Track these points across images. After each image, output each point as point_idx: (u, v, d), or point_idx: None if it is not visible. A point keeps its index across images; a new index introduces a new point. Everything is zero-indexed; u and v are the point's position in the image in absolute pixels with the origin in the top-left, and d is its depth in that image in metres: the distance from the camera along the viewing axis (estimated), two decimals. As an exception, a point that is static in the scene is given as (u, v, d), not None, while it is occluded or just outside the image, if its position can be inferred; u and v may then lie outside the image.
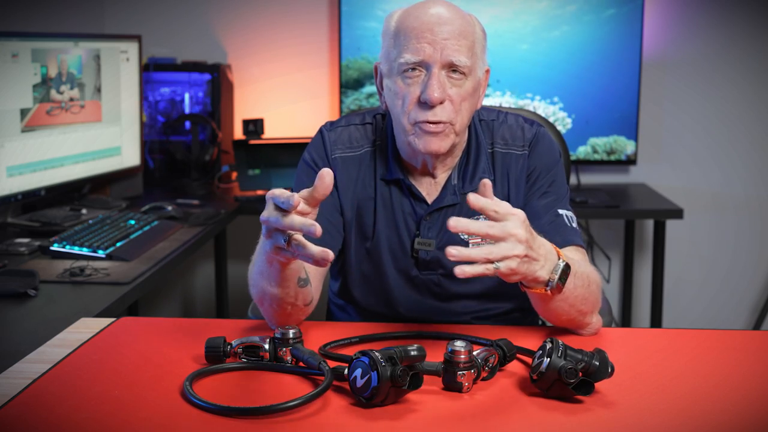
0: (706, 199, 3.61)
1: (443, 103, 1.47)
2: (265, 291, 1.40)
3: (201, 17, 3.60)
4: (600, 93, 3.43)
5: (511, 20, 3.37)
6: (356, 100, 3.47)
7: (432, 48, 1.46)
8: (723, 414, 1.14)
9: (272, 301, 1.41)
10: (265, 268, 1.36)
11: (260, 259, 1.36)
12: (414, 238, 1.60)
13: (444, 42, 1.46)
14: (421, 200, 1.60)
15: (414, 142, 1.51)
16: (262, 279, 1.39)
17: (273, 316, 1.44)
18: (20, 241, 2.33)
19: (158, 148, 3.37)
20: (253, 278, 1.42)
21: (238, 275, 3.65)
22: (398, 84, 1.50)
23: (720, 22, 3.51)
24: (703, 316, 3.65)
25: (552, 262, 1.31)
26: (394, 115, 1.54)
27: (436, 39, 1.46)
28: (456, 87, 1.48)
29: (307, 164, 1.64)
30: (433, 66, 1.46)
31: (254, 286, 1.43)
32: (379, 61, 1.57)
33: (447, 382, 1.20)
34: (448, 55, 1.46)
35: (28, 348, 1.38)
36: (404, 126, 1.51)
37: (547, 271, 1.30)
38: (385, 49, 1.54)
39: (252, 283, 1.44)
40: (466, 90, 1.49)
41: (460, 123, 1.50)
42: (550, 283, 1.31)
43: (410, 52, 1.47)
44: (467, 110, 1.51)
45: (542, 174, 1.61)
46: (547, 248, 1.31)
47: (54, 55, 2.63)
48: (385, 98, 1.56)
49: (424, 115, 1.47)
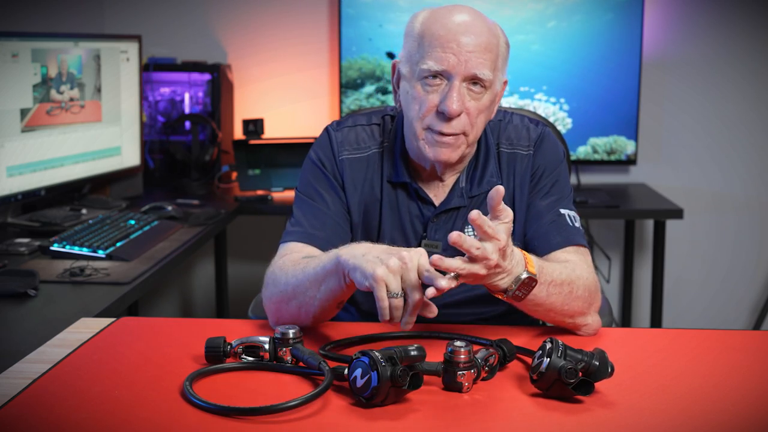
0: (706, 199, 3.61)
1: (460, 115, 1.47)
2: (306, 295, 1.39)
3: (201, 17, 3.60)
4: (600, 93, 3.43)
5: (511, 20, 3.37)
6: (356, 100, 3.47)
7: (456, 59, 1.44)
8: (723, 414, 1.14)
9: (301, 307, 1.41)
10: (322, 277, 1.36)
11: (323, 267, 1.36)
12: (421, 240, 1.60)
13: (469, 54, 1.44)
14: (428, 202, 1.60)
15: (424, 148, 1.51)
16: (309, 283, 1.38)
17: (289, 317, 1.43)
18: (20, 241, 2.33)
19: (158, 148, 3.37)
20: (296, 276, 1.41)
21: (238, 275, 3.65)
22: (417, 89, 1.49)
23: (720, 22, 3.51)
24: (703, 316, 3.65)
25: (515, 274, 1.31)
26: (408, 117, 1.53)
27: (461, 50, 1.44)
28: (475, 101, 1.47)
29: (314, 163, 1.63)
30: (455, 77, 1.45)
31: (289, 284, 1.42)
32: (398, 59, 1.56)
33: (447, 382, 1.20)
34: (471, 68, 1.45)
35: (28, 348, 1.38)
36: (416, 130, 1.50)
37: (507, 282, 1.31)
38: (407, 50, 1.52)
39: (287, 280, 1.43)
40: (483, 103, 1.49)
41: (474, 135, 1.51)
42: (508, 292, 1.32)
43: (434, 60, 1.45)
44: (482, 122, 1.52)
45: (546, 173, 1.61)
46: (516, 260, 1.31)
47: (54, 55, 2.63)
48: (400, 98, 1.55)
49: (439, 126, 1.47)
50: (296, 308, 1.42)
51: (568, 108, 3.44)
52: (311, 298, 1.39)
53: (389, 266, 1.24)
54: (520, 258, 1.32)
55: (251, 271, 3.65)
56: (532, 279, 1.32)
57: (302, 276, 1.40)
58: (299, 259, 1.47)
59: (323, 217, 1.58)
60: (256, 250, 3.63)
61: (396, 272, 1.24)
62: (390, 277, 1.23)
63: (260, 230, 3.59)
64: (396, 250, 1.28)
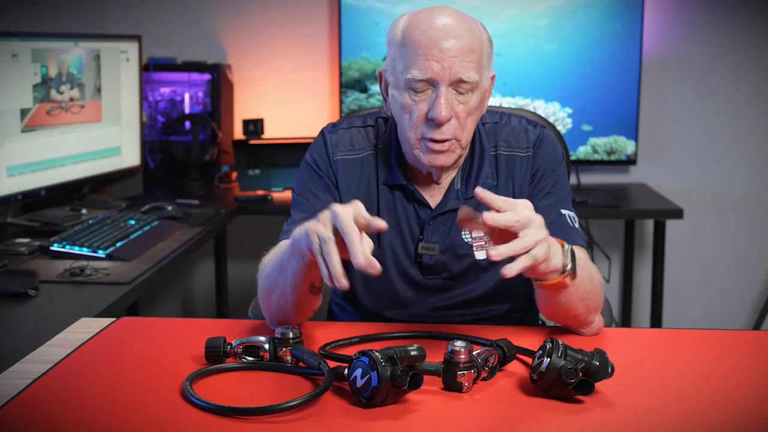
0: (706, 199, 3.61)
1: (450, 120, 1.47)
2: (278, 284, 1.40)
3: (201, 17, 3.60)
4: (600, 93, 3.43)
5: (511, 21, 3.37)
6: (356, 100, 3.47)
7: (440, 66, 1.44)
8: (723, 414, 1.14)
9: (279, 297, 1.41)
10: (286, 262, 1.36)
11: (285, 252, 1.37)
12: (417, 242, 1.60)
13: (452, 60, 1.44)
14: (424, 205, 1.60)
15: (419, 156, 1.51)
16: (279, 269, 1.39)
17: (275, 312, 1.44)
18: (20, 241, 2.33)
19: (158, 148, 3.37)
20: (272, 268, 1.43)
21: (238, 275, 3.65)
22: (405, 98, 1.48)
23: (720, 22, 3.51)
24: (703, 316, 3.65)
25: (558, 248, 1.31)
26: (401, 127, 1.53)
27: (444, 56, 1.43)
28: (463, 104, 1.47)
29: (309, 166, 1.64)
30: (441, 84, 1.45)
31: (267, 276, 1.44)
32: (383, 68, 1.56)
33: (447, 382, 1.20)
34: (456, 73, 1.44)
35: (28, 348, 1.38)
36: (410, 140, 1.51)
37: (560, 257, 1.31)
38: (390, 58, 1.52)
39: (267, 272, 1.45)
40: (473, 104, 1.49)
41: (465, 138, 1.51)
42: (565, 268, 1.31)
43: (418, 69, 1.45)
44: (473, 123, 1.52)
45: (545, 175, 1.61)
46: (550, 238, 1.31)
47: (54, 55, 2.63)
48: (390, 107, 1.55)
49: (431, 133, 1.47)
50: (276, 300, 1.42)
51: (568, 108, 3.43)
52: (283, 286, 1.39)
53: (320, 218, 1.25)
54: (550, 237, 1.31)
55: (251, 271, 3.61)
56: (572, 250, 1.32)
57: (273, 265, 1.42)
58: (276, 249, 1.49)
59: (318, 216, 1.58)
60: (256, 251, 3.59)
61: (326, 221, 1.24)
62: (320, 227, 1.24)
63: (260, 230, 3.59)
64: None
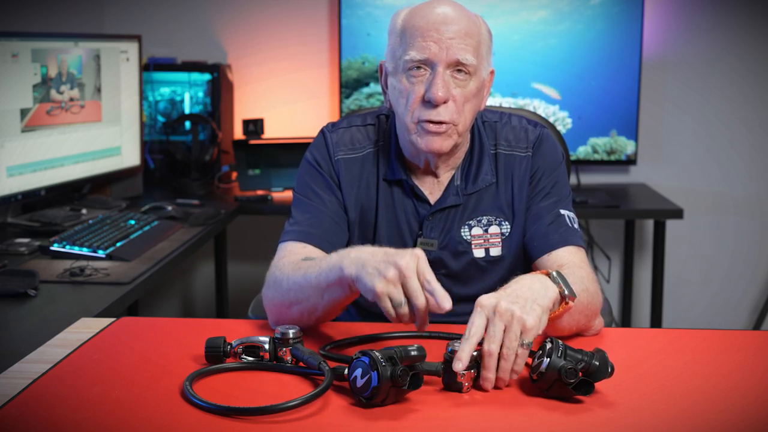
0: (706, 199, 3.61)
1: (447, 102, 1.47)
2: (309, 301, 1.38)
3: (201, 17, 3.60)
4: (600, 93, 3.43)
5: (511, 21, 3.37)
6: (356, 100, 3.47)
7: (438, 47, 1.46)
8: (723, 414, 1.14)
9: (303, 312, 1.40)
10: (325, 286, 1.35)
11: (325, 276, 1.35)
12: (416, 238, 1.60)
13: (450, 41, 1.46)
14: (423, 200, 1.60)
15: (416, 140, 1.51)
16: (312, 290, 1.37)
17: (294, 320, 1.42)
18: (20, 241, 2.33)
19: (158, 148, 3.37)
20: (297, 282, 1.40)
21: (238, 275, 3.66)
22: (403, 82, 1.50)
23: (720, 23, 3.51)
24: (703, 316, 3.65)
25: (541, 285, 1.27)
26: (398, 113, 1.54)
27: (441, 38, 1.46)
28: (460, 87, 1.48)
29: (311, 164, 1.64)
30: (438, 65, 1.47)
31: (291, 289, 1.40)
32: (384, 59, 1.58)
33: (447, 382, 1.20)
34: (453, 54, 1.46)
35: (28, 348, 1.38)
36: (407, 124, 1.51)
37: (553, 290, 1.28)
38: (390, 47, 1.54)
39: (289, 285, 1.41)
40: (470, 90, 1.49)
41: (462, 123, 1.51)
42: (563, 294, 1.29)
43: (416, 50, 1.47)
44: (470, 111, 1.52)
45: (545, 175, 1.61)
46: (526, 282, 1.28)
47: (54, 55, 2.63)
48: (389, 96, 1.57)
49: (427, 114, 1.48)
50: (298, 313, 1.41)
51: (568, 108, 3.43)
52: (314, 305, 1.38)
53: (388, 278, 1.23)
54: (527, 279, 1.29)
55: (251, 271, 3.65)
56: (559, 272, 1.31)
57: (304, 282, 1.39)
58: (299, 261, 1.46)
59: (320, 216, 1.59)
60: (256, 250, 3.63)
61: (395, 282, 1.23)
62: (391, 289, 1.23)
63: (260, 230, 3.59)
64: (393, 256, 1.25)
